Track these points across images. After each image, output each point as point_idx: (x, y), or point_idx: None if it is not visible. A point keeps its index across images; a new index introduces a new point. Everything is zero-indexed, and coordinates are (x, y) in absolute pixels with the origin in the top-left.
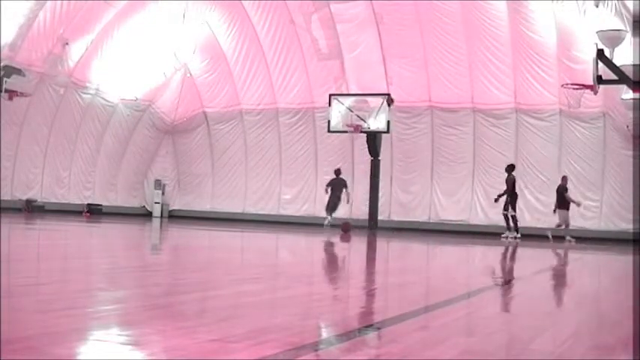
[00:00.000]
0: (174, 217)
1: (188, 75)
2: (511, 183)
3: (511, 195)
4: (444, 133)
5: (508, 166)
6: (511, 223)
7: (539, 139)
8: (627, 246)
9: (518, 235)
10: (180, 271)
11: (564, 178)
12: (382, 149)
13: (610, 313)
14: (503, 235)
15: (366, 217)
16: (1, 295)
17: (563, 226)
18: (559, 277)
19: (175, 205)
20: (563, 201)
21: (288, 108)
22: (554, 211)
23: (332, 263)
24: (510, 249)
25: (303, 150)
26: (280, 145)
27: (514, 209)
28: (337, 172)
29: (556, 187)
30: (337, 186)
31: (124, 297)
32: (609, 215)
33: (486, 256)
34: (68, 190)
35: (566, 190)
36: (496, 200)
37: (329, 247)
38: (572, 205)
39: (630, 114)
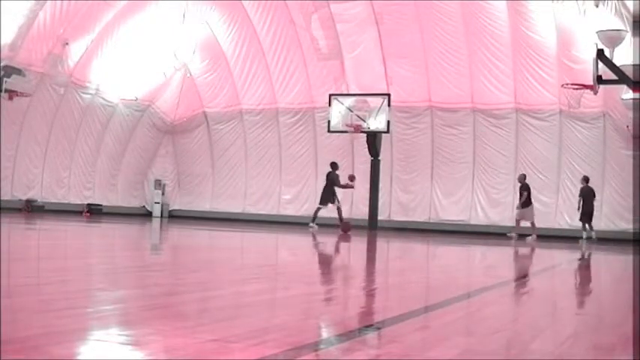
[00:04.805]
0: (175, 217)
1: (188, 75)
2: (328, 178)
3: (328, 190)
4: (444, 133)
5: (330, 164)
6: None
7: (539, 139)
8: (627, 246)
9: (314, 225)
10: (180, 271)
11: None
12: (382, 149)
13: (610, 313)
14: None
15: (366, 217)
16: (1, 295)
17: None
18: (559, 277)
19: (175, 205)
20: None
21: (288, 108)
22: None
23: (332, 263)
24: (505, 250)
25: (303, 150)
26: (280, 145)
27: (325, 203)
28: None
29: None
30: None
31: (124, 297)
32: (609, 215)
33: (486, 257)
34: (68, 190)
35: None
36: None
37: (329, 247)
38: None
39: (630, 114)
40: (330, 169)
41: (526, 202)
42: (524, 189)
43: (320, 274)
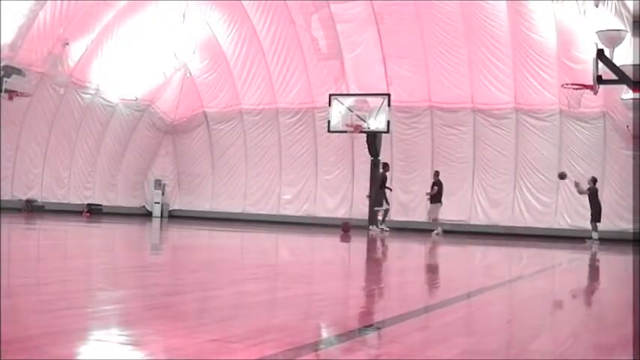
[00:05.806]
0: (175, 217)
1: (188, 75)
2: (379, 179)
3: (379, 190)
4: (444, 133)
5: (382, 164)
6: (379, 217)
7: (539, 139)
8: (627, 246)
9: (386, 229)
10: (180, 271)
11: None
12: (382, 149)
13: (610, 313)
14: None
15: (366, 217)
16: (1, 295)
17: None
18: (559, 277)
19: (175, 205)
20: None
21: (288, 108)
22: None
23: (332, 263)
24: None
25: (303, 150)
26: (280, 145)
27: (380, 204)
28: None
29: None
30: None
31: (124, 297)
32: (609, 215)
33: (486, 257)
34: (68, 190)
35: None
36: (369, 196)
37: (328, 247)
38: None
39: (630, 114)
40: (382, 169)
41: (437, 198)
42: (436, 185)
43: (320, 274)
